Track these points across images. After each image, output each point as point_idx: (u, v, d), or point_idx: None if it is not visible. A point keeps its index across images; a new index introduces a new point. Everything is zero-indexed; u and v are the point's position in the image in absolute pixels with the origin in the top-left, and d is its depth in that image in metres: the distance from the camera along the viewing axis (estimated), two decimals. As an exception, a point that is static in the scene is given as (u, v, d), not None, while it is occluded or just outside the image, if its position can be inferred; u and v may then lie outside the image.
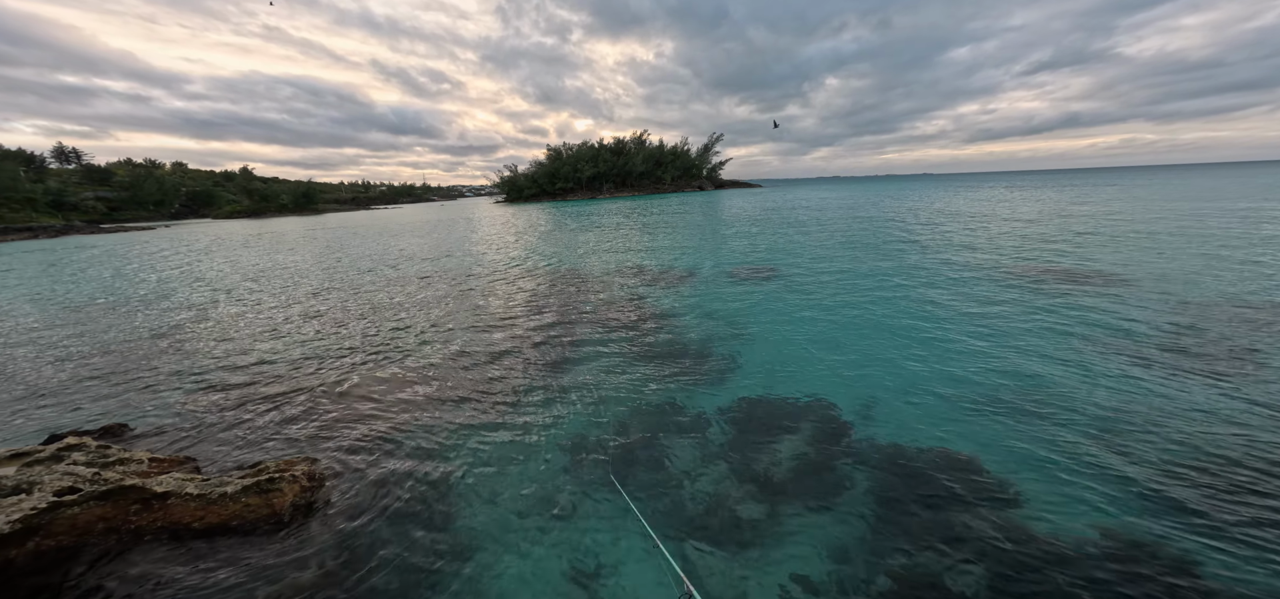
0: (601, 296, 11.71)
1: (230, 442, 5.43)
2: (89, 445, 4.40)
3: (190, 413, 6.16)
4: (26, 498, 3.42)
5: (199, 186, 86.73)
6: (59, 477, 3.75)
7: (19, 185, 54.92)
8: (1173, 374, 6.06)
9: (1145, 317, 8.25)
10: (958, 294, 10.30)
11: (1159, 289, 9.87)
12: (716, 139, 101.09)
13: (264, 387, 6.92)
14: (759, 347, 7.86)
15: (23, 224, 49.16)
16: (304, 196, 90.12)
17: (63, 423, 5.98)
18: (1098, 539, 3.58)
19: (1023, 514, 3.86)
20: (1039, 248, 15.39)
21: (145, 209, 71.82)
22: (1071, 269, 12.13)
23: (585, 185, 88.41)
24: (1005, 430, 5.02)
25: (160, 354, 8.65)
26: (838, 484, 4.34)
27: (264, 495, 4.05)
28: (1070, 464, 4.43)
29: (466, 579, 3.48)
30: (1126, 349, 6.91)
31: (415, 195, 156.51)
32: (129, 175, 76.78)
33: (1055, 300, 9.45)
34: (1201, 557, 3.38)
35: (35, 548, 3.24)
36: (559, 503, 4.24)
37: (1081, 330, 7.75)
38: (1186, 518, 3.74)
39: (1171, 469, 4.28)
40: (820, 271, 13.51)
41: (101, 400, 6.72)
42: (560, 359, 7.59)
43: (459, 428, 5.56)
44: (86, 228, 53.15)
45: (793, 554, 3.60)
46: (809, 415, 5.55)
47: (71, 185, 66.63)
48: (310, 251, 24.59)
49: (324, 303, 12.34)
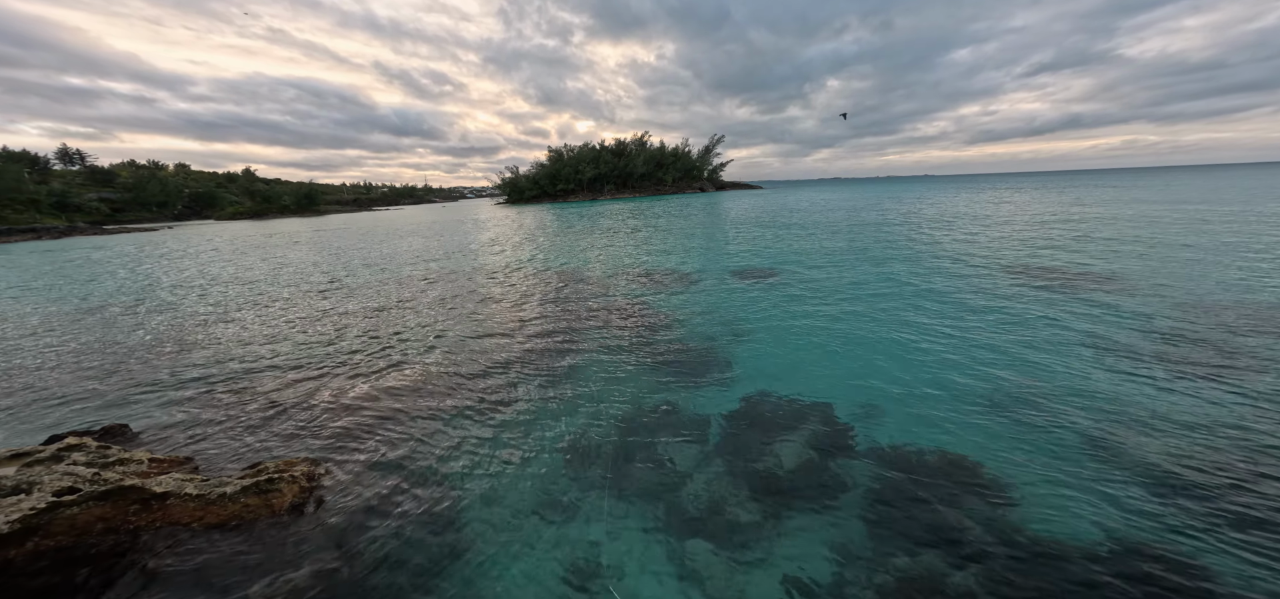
0: (602, 298, 11.71)
1: (230, 442, 5.43)
2: (89, 446, 4.41)
3: (190, 413, 6.16)
4: (26, 498, 3.43)
5: (202, 188, 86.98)
6: (59, 477, 3.75)
7: (23, 187, 55.22)
8: (1175, 376, 6.03)
9: (1146, 318, 8.21)
10: (959, 296, 10.27)
11: (1160, 291, 9.82)
12: (717, 140, 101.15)
13: (265, 387, 6.92)
14: (759, 348, 7.84)
15: (26, 225, 49.38)
16: (306, 198, 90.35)
17: (64, 424, 5.99)
18: (1100, 540, 3.55)
19: (1023, 515, 3.84)
20: (1040, 250, 15.34)
21: (149, 210, 72.09)
22: (1073, 271, 12.08)
23: (586, 187, 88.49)
24: (1006, 432, 5.00)
25: (162, 355, 8.67)
26: (838, 485, 4.32)
27: (263, 496, 4.05)
28: (1072, 466, 4.40)
29: (464, 580, 3.47)
30: (1128, 351, 6.88)
31: (417, 196, 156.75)
32: (132, 177, 77.06)
33: (1057, 302, 9.42)
34: (1205, 558, 3.35)
35: (34, 548, 3.24)
36: (558, 504, 4.23)
37: (1083, 332, 7.72)
38: (1190, 519, 3.71)
39: (1174, 470, 4.25)
40: (821, 273, 13.48)
41: (102, 401, 6.73)
42: (560, 360, 7.59)
43: (459, 429, 5.55)
44: (90, 229, 53.32)
45: (793, 555, 3.59)
46: (810, 417, 5.53)
47: (75, 186, 66.92)
48: (312, 252, 24.64)
49: (324, 304, 12.36)
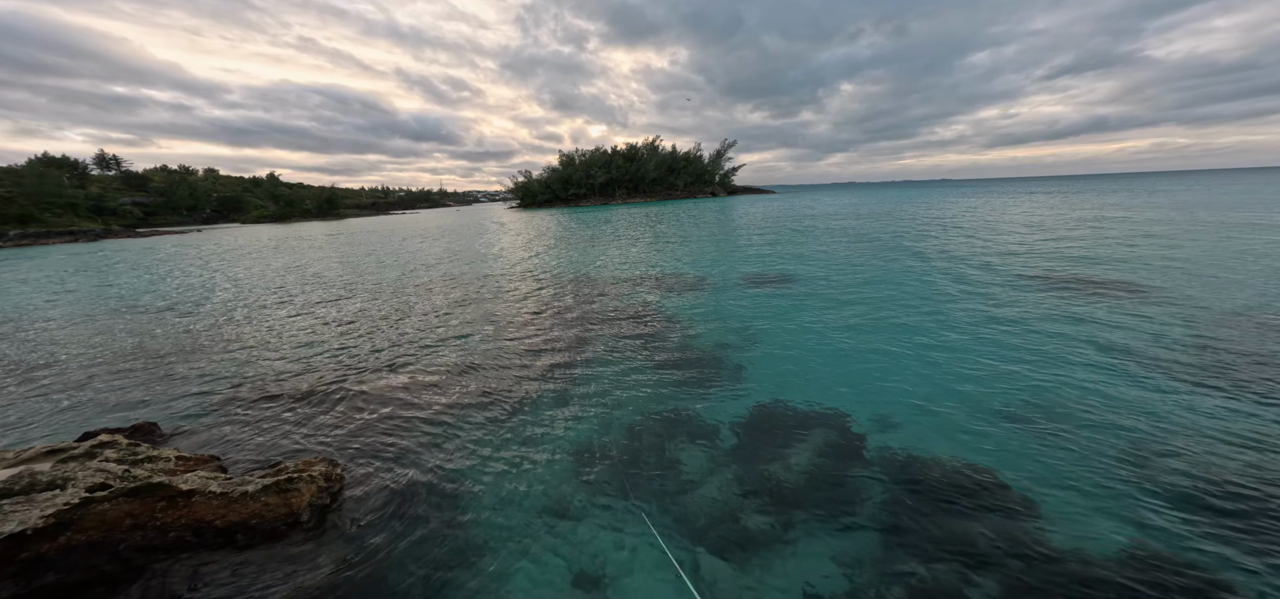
0: (614, 302, 11.75)
1: (252, 441, 5.59)
2: (120, 443, 4.59)
3: (215, 412, 6.37)
4: (61, 493, 3.58)
5: (229, 192, 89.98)
6: (92, 473, 3.91)
7: (62, 192, 57.80)
8: (1205, 388, 5.80)
9: (1176, 328, 7.92)
10: (978, 303, 10.05)
11: (1191, 299, 9.47)
12: (729, 145, 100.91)
13: (285, 387, 7.11)
14: (772, 354, 7.78)
15: (65, 229, 51.66)
16: (327, 202, 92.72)
17: (96, 421, 6.25)
18: (1122, 558, 3.44)
19: (1043, 528, 3.74)
20: (1063, 255, 14.92)
21: (179, 214, 74.81)
22: (1099, 278, 11.72)
23: (598, 191, 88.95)
24: (1026, 443, 4.87)
25: (189, 354, 8.98)
26: (852, 494, 4.26)
27: (282, 495, 4.16)
28: (1094, 478, 4.27)
29: (476, 582, 3.51)
30: (1156, 361, 6.64)
31: (431, 201, 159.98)
32: (164, 182, 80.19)
33: (1081, 310, 9.14)
34: (1232, 579, 3.22)
35: (67, 542, 3.38)
36: (569, 508, 4.25)
37: (1109, 342, 7.47)
38: (1217, 538, 3.56)
39: (1202, 487, 4.09)
40: (834, 278, 13.32)
41: (132, 399, 7.00)
42: (573, 364, 7.63)
43: (472, 431, 5.63)
44: (124, 232, 55.61)
45: (804, 565, 3.55)
46: (823, 424, 5.47)
47: (111, 191, 69.81)
48: (332, 255, 25.27)
49: (343, 307, 12.66)
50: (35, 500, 3.46)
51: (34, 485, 3.60)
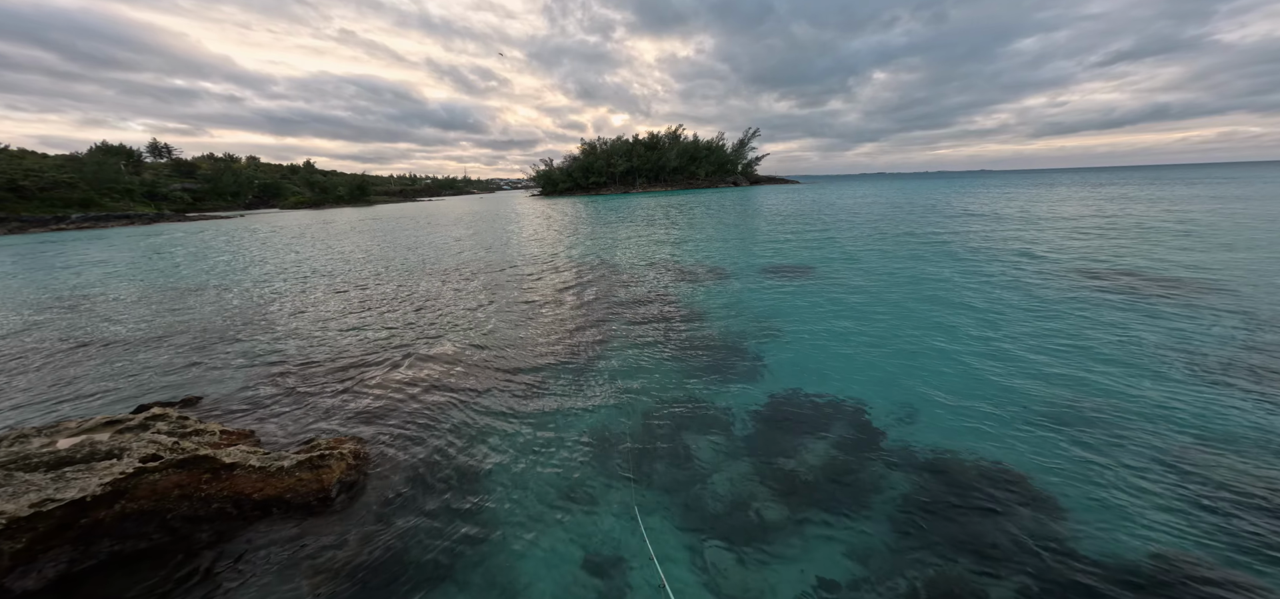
0: (634, 291, 11.76)
1: (288, 414, 5.90)
2: (171, 415, 4.91)
3: (254, 389, 6.73)
4: (117, 462, 3.87)
5: (268, 179, 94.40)
6: (145, 444, 4.20)
7: (119, 178, 61.77)
8: (1252, 396, 5.37)
9: (1223, 330, 7.35)
10: (1011, 297, 9.58)
11: (1243, 301, 8.75)
12: (752, 134, 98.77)
13: (320, 367, 7.45)
14: (791, 345, 7.64)
15: (121, 212, 55.28)
16: (358, 189, 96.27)
17: (148, 393, 6.70)
18: (1149, 565, 3.27)
19: (1067, 531, 3.60)
20: (1107, 250, 14.02)
21: (223, 199, 79.00)
22: (1144, 274, 10.98)
23: (619, 180, 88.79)
24: (1055, 444, 4.65)
25: (233, 332, 9.50)
26: (869, 489, 4.18)
27: (315, 471, 4.38)
28: (1126, 483, 4.07)
29: (490, 560, 3.63)
30: (1200, 365, 6.19)
31: (456, 188, 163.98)
32: (211, 169, 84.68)
33: (1121, 308, 8.59)
34: (1267, 592, 3.00)
35: (121, 511, 3.65)
36: (583, 493, 4.33)
37: (1150, 341, 7.01)
38: (1254, 550, 3.33)
39: (1241, 498, 3.83)
40: (858, 270, 12.93)
41: (181, 373, 7.47)
42: (593, 352, 7.70)
43: (494, 415, 5.77)
44: (174, 216, 59.15)
45: (817, 558, 3.52)
46: (841, 418, 5.36)
47: (162, 177, 74.20)
48: (364, 239, 26.16)
49: (375, 291, 13.11)
50: (94, 469, 3.75)
51: (94, 455, 3.90)
